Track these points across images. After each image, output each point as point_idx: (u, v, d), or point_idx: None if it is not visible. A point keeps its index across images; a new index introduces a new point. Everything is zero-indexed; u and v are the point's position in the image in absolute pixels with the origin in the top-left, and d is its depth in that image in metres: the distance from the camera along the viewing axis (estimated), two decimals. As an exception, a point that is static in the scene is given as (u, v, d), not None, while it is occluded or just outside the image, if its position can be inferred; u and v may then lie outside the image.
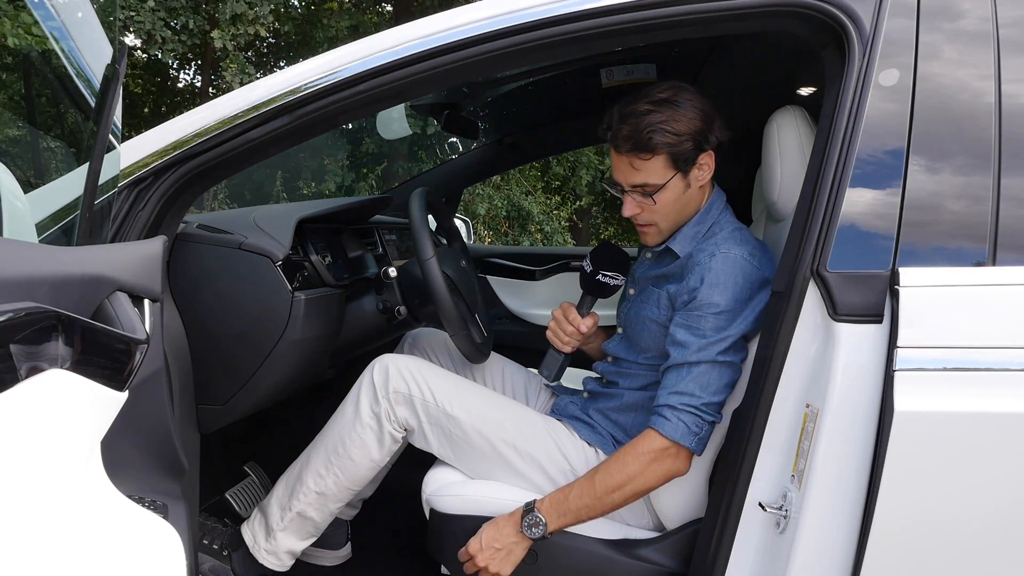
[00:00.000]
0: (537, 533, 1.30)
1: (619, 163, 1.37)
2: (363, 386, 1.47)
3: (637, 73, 2.10)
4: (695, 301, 1.30)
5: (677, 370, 1.29)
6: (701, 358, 1.27)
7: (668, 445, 1.25)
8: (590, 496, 1.29)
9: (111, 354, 0.71)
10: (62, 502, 0.64)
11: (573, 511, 1.30)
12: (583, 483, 1.31)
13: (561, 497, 1.31)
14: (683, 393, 1.26)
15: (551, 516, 1.30)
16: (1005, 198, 1.09)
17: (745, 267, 1.30)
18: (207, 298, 1.37)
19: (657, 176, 1.34)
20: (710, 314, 1.28)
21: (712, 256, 1.31)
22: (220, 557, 1.53)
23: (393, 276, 1.69)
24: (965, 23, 1.15)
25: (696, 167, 1.36)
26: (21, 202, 0.86)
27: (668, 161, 1.33)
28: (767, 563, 1.15)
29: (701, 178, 1.38)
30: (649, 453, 1.26)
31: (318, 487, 1.48)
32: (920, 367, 1.04)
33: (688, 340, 1.28)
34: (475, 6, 1.21)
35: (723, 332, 1.27)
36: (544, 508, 1.31)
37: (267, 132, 1.23)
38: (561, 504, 1.30)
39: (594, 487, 1.29)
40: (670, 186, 1.35)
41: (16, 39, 0.96)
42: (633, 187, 1.36)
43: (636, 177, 1.35)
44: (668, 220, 1.40)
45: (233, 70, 8.25)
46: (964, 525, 1.06)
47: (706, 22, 1.18)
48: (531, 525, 1.30)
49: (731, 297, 1.28)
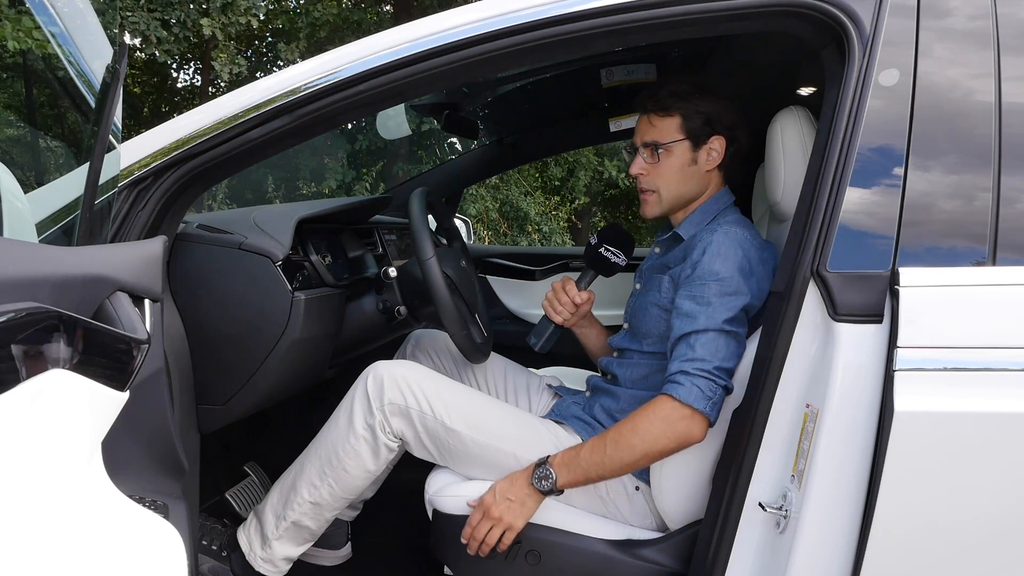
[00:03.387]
0: (546, 486, 1.30)
1: (640, 123, 1.48)
2: (356, 396, 1.44)
3: (637, 73, 2.10)
4: (697, 272, 1.32)
5: (686, 340, 1.29)
6: (708, 326, 1.27)
7: (682, 408, 1.25)
8: (600, 454, 1.28)
9: (112, 354, 0.71)
10: (63, 502, 0.64)
11: (582, 468, 1.30)
12: (595, 442, 1.31)
13: (573, 454, 1.32)
14: (695, 359, 1.26)
15: (561, 471, 1.30)
16: (1005, 198, 1.09)
17: (746, 244, 1.34)
18: (207, 298, 1.37)
19: (667, 136, 1.44)
20: (712, 281, 1.30)
21: (714, 232, 1.36)
22: (219, 558, 1.53)
23: (393, 276, 1.69)
24: (965, 23, 1.15)
25: (707, 148, 1.44)
26: (21, 202, 0.86)
27: (680, 125, 1.43)
28: (767, 563, 1.15)
29: (709, 162, 1.45)
30: (663, 419, 1.25)
31: (312, 497, 1.47)
32: (920, 367, 1.04)
33: (694, 310, 1.29)
34: (475, 6, 1.21)
35: (727, 300, 1.29)
36: (555, 463, 1.31)
37: (267, 132, 1.23)
38: (572, 461, 1.31)
39: (605, 447, 1.28)
40: (677, 151, 1.43)
41: (16, 42, 0.96)
42: (644, 144, 1.46)
43: (649, 134, 1.45)
44: (669, 189, 1.45)
45: (223, 60, 8.23)
46: (964, 525, 1.06)
47: (706, 22, 1.18)
48: (541, 478, 1.31)
49: (733, 266, 1.31)
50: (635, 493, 1.41)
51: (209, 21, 7.78)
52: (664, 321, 1.41)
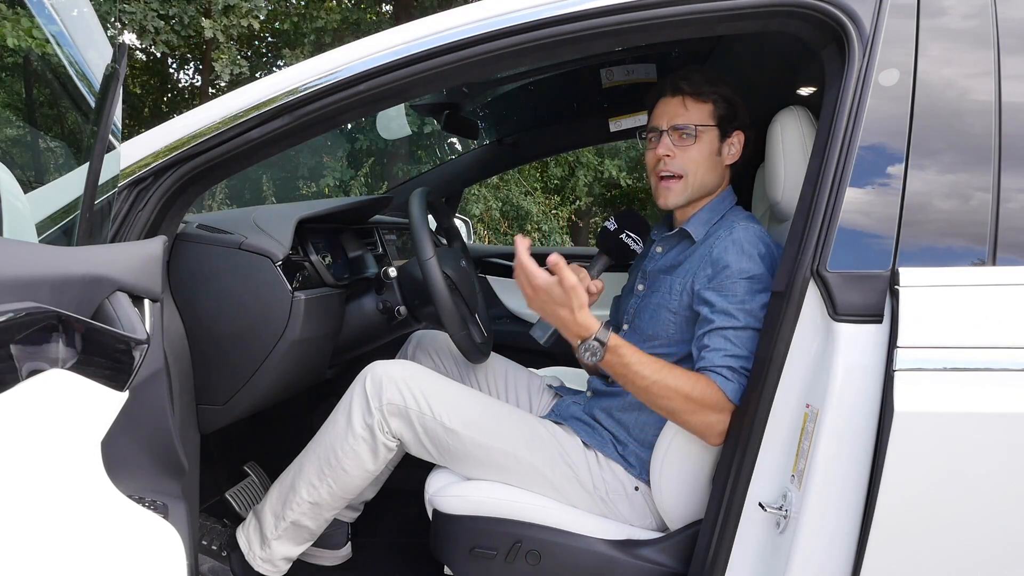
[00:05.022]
0: (588, 358, 1.25)
1: (668, 106, 1.44)
2: (355, 396, 1.44)
3: (637, 73, 2.10)
4: (725, 270, 1.31)
5: (721, 333, 1.28)
6: (748, 323, 1.27)
7: (728, 404, 1.24)
8: (643, 381, 1.25)
9: (111, 354, 0.71)
10: (62, 502, 0.64)
11: (623, 375, 1.26)
12: (646, 366, 1.25)
13: (624, 361, 1.25)
14: (739, 356, 1.26)
15: (609, 358, 1.25)
16: (1005, 198, 1.09)
17: (766, 239, 1.35)
18: (207, 298, 1.37)
19: (702, 120, 1.42)
20: (742, 279, 1.30)
21: (732, 230, 1.36)
22: (219, 558, 1.53)
23: (393, 276, 1.69)
24: (965, 23, 1.15)
25: (729, 141, 1.45)
26: (21, 202, 0.86)
27: (713, 112, 1.43)
28: (767, 563, 1.15)
29: (730, 156, 1.46)
30: (707, 406, 1.24)
31: (311, 497, 1.47)
32: (920, 367, 1.04)
33: (729, 307, 1.29)
34: (475, 6, 1.21)
35: (759, 296, 1.29)
36: (608, 355, 1.25)
37: (267, 132, 1.23)
38: (618, 362, 1.25)
39: (648, 384, 1.25)
40: (707, 137, 1.43)
41: (16, 40, 0.96)
42: (675, 128, 1.42)
43: (681, 117, 1.42)
44: (696, 174, 1.43)
45: (223, 61, 8.23)
46: (964, 525, 1.06)
47: (706, 22, 1.18)
48: (588, 351, 1.24)
49: (760, 262, 1.31)
50: (635, 493, 1.41)
51: (211, 23, 7.78)
52: (673, 324, 1.40)
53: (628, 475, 1.41)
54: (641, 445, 1.42)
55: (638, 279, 1.55)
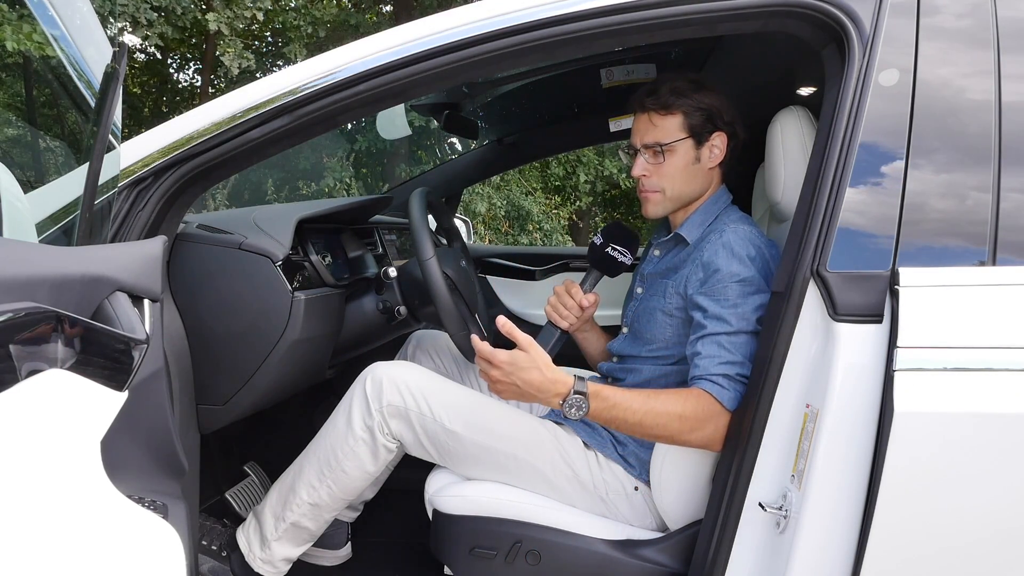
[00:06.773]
0: (573, 414, 1.23)
1: (639, 123, 1.44)
2: (355, 397, 1.43)
3: (637, 73, 2.10)
4: (716, 274, 1.31)
5: (715, 339, 1.27)
6: (741, 327, 1.26)
7: (725, 414, 1.24)
8: (633, 417, 1.24)
9: (111, 354, 0.71)
10: (62, 502, 0.64)
11: (611, 416, 1.25)
12: (633, 400, 1.25)
13: (608, 405, 1.24)
14: (734, 363, 1.25)
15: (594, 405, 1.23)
16: (1005, 198, 1.09)
17: (757, 241, 1.34)
18: (207, 298, 1.37)
19: (670, 135, 1.41)
20: (733, 282, 1.29)
21: (722, 233, 1.35)
22: (219, 558, 1.53)
23: (393, 276, 1.69)
24: (965, 23, 1.15)
25: (709, 145, 1.42)
26: (21, 202, 0.86)
27: (683, 123, 1.40)
28: (767, 563, 1.15)
29: (712, 160, 1.44)
30: (704, 420, 1.23)
31: (311, 499, 1.47)
32: (920, 367, 1.04)
33: (722, 312, 1.28)
34: (475, 6, 1.21)
35: (752, 299, 1.28)
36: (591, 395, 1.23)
37: (267, 132, 1.23)
38: (605, 411, 1.24)
39: (640, 418, 1.24)
40: (680, 150, 1.41)
41: (15, 43, 0.96)
42: (646, 146, 1.42)
43: (651, 135, 1.42)
44: (674, 187, 1.43)
45: (231, 55, 8.25)
46: (964, 525, 1.05)
47: (706, 22, 1.18)
48: (572, 407, 1.22)
49: (751, 265, 1.30)
50: (635, 493, 1.41)
51: (215, 16, 7.78)
52: (670, 327, 1.40)
53: (628, 475, 1.41)
54: (641, 445, 1.42)
55: (637, 283, 1.56)
